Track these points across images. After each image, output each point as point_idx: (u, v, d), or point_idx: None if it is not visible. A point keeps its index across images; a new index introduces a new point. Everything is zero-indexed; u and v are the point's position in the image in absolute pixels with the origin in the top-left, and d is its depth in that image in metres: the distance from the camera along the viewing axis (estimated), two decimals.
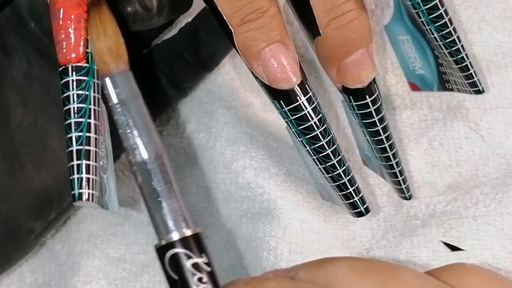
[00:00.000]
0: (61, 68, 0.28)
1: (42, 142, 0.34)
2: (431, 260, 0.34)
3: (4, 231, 0.33)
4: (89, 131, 0.27)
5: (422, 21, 0.32)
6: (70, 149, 0.27)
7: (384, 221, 0.37)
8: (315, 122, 0.29)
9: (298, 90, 0.29)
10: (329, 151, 0.30)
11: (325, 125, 0.30)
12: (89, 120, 0.27)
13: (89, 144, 0.27)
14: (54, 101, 0.33)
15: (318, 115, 0.30)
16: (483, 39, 0.40)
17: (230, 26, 0.28)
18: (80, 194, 0.26)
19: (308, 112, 0.29)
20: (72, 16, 0.27)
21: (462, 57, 0.33)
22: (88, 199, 0.27)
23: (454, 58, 0.33)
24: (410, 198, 0.35)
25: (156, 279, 0.37)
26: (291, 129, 0.30)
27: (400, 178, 0.34)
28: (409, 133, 0.39)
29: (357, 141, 0.37)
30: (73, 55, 0.27)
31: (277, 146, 0.39)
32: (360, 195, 0.32)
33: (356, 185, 0.32)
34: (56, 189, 0.34)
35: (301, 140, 0.30)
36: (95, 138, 0.27)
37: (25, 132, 0.33)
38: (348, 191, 0.31)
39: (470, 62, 0.33)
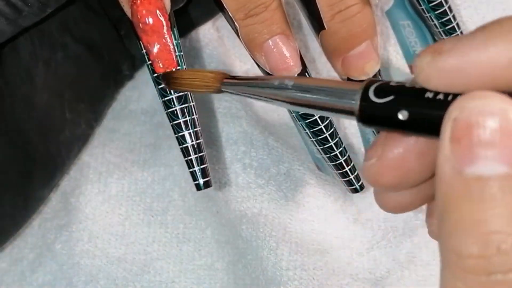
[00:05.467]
0: (157, 75, 0.30)
1: (46, 116, 0.35)
2: (431, 260, 0.34)
3: (21, 199, 0.36)
4: (195, 126, 0.30)
5: (422, 9, 0.33)
6: (185, 145, 0.30)
7: (384, 221, 0.37)
8: None
9: None
10: (327, 134, 0.31)
11: None
12: (193, 117, 0.30)
13: (199, 138, 0.30)
14: (55, 76, 0.35)
15: None
16: None
17: (234, 20, 0.29)
18: (207, 182, 0.30)
19: None
20: (164, 28, 0.29)
21: None
22: (210, 185, 0.30)
23: None
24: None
25: (156, 279, 0.37)
26: (292, 113, 0.31)
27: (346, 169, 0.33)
28: None
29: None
30: (169, 62, 0.30)
31: (277, 146, 0.39)
32: (355, 174, 0.33)
33: (351, 165, 0.33)
34: (59, 157, 0.37)
35: (301, 124, 0.31)
36: (198, 131, 0.31)
37: (31, 108, 0.35)
38: (344, 170, 0.33)
39: None
